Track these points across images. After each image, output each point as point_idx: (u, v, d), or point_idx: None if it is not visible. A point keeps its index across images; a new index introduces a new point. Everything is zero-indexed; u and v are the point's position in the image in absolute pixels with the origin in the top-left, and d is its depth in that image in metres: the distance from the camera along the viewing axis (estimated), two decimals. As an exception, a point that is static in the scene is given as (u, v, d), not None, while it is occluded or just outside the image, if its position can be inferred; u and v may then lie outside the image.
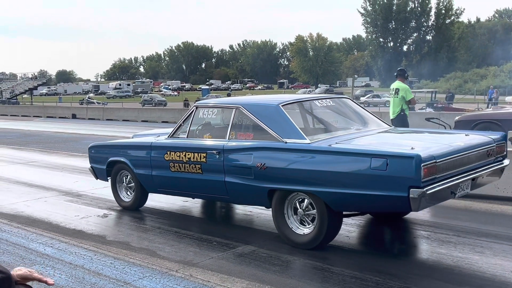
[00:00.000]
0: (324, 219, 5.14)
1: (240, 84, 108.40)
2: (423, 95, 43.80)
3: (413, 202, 4.46)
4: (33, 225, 6.68)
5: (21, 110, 42.27)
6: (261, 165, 5.40)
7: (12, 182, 9.84)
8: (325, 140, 5.35)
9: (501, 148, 5.64)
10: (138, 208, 7.38)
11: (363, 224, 6.32)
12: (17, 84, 67.73)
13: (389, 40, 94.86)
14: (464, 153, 5.00)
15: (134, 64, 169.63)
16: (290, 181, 5.27)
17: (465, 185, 5.07)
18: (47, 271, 4.98)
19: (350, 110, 6.44)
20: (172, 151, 6.34)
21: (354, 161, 4.82)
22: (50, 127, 25.30)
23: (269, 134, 5.53)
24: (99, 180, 7.88)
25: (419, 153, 4.48)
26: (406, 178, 4.46)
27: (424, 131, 6.95)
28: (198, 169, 6.06)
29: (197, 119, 6.46)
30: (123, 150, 7.29)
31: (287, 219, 5.47)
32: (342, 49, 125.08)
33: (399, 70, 10.65)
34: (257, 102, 6.19)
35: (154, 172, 6.68)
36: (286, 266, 4.96)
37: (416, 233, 5.92)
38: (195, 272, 4.86)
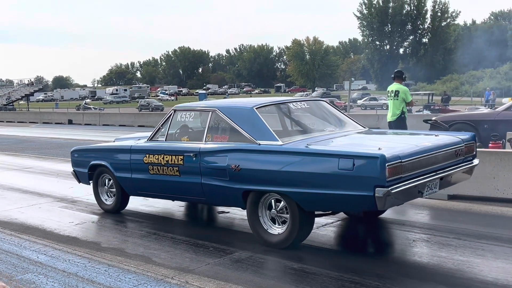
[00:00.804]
0: (296, 219, 5.26)
1: (237, 89, 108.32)
2: (420, 98, 43.85)
3: (379, 201, 4.60)
4: (27, 232, 6.57)
5: (17, 116, 42.07)
6: (236, 166, 5.52)
7: (6, 188, 9.72)
8: (297, 141, 5.49)
9: (470, 148, 5.76)
10: (120, 211, 7.44)
11: (366, 228, 6.23)
12: (13, 90, 67.43)
13: (385, 43, 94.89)
14: (430, 153, 5.12)
15: (131, 69, 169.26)
16: (263, 182, 5.39)
17: (433, 184, 5.20)
18: (40, 280, 4.88)
19: (326, 112, 6.56)
20: (151, 154, 6.45)
21: (323, 161, 4.96)
22: (45, 133, 25.15)
23: (243, 136, 5.66)
24: (81, 183, 7.95)
25: (384, 153, 4.61)
26: (372, 177, 4.60)
27: (398, 132, 6.95)
28: (176, 172, 6.16)
29: (175, 122, 6.57)
30: (104, 153, 7.38)
31: (261, 220, 5.59)
32: (339, 53, 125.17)
33: (396, 72, 10.55)
34: (232, 105, 6.40)
35: (133, 175, 6.77)
36: (284, 272, 4.86)
37: (415, 237, 5.82)
38: (191, 279, 4.75)
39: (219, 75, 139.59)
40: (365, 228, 6.21)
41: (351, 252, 5.49)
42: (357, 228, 6.20)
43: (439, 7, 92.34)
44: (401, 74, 10.43)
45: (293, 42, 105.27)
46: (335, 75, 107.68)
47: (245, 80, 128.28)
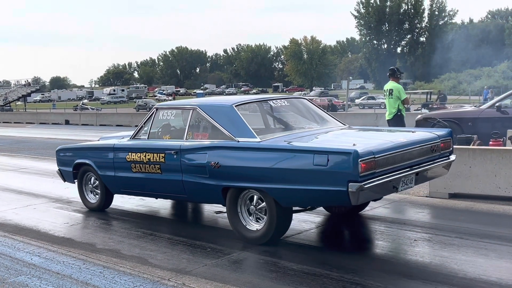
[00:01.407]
0: (273, 215, 5.31)
1: (235, 88, 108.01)
2: (418, 96, 43.80)
3: (352, 196, 4.66)
4: (21, 233, 6.45)
5: (13, 117, 41.97)
6: (215, 163, 5.58)
7: (1, 189, 9.59)
8: (274, 138, 5.58)
9: (447, 144, 5.83)
10: (104, 209, 7.48)
11: (367, 228, 6.12)
12: (10, 91, 67.30)
13: (382, 42, 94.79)
14: (405, 149, 5.19)
15: (129, 69, 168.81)
16: (242, 179, 5.46)
17: (408, 180, 5.24)
18: (33, 282, 4.76)
19: (306, 110, 6.63)
20: (133, 152, 6.51)
21: (298, 158, 5.04)
22: (42, 133, 25.02)
23: (223, 134, 5.73)
24: (67, 182, 7.98)
25: (357, 149, 4.68)
26: (345, 173, 4.67)
27: (377, 129, 7.03)
28: (157, 169, 6.22)
29: (157, 120, 6.62)
30: (88, 152, 7.44)
31: (240, 216, 5.65)
32: (336, 52, 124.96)
33: (390, 69, 10.47)
34: (212, 103, 6.45)
35: (117, 173, 6.83)
36: (284, 273, 4.74)
37: (416, 236, 5.72)
38: (188, 280, 4.64)
39: (217, 75, 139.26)
40: (366, 227, 6.10)
41: (352, 252, 5.38)
42: (357, 228, 6.09)
43: (436, 5, 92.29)
44: (394, 72, 10.34)
45: (290, 42, 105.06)
46: (333, 75, 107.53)
47: (243, 80, 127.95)
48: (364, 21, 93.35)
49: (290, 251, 5.38)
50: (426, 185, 7.80)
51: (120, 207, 7.84)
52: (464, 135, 9.58)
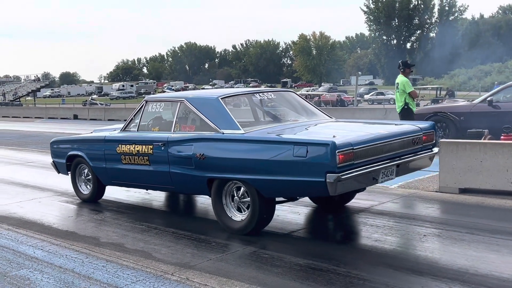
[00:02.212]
0: (256, 206, 5.40)
1: (243, 84, 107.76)
2: (428, 92, 43.45)
3: (330, 186, 4.75)
4: (25, 226, 6.39)
5: (23, 111, 42.08)
6: (201, 155, 5.67)
7: (7, 182, 9.56)
8: (258, 130, 5.67)
9: (429, 137, 5.91)
10: (97, 201, 7.58)
11: (374, 223, 6.00)
12: (20, 86, 67.60)
13: (392, 38, 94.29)
14: (385, 141, 5.27)
15: (138, 65, 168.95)
16: (226, 170, 5.55)
17: (388, 171, 5.34)
18: (35, 276, 4.69)
19: (293, 103, 6.73)
20: (123, 144, 6.62)
21: (279, 149, 5.13)
22: (50, 128, 25.05)
23: (208, 126, 5.82)
24: (60, 174, 8.08)
25: (335, 140, 4.76)
26: (323, 164, 4.76)
27: (361, 121, 7.11)
28: (146, 161, 6.33)
29: (146, 113, 6.70)
30: (80, 144, 7.55)
31: (225, 207, 5.74)
32: (345, 48, 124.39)
33: (398, 63, 10.41)
34: (199, 95, 6.57)
35: (107, 165, 6.94)
36: (289, 268, 4.63)
37: (426, 231, 5.59)
38: (192, 275, 4.55)
39: (225, 71, 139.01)
40: (374, 222, 5.97)
41: (359, 248, 5.25)
42: (365, 223, 5.97)
43: (446, 1, 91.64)
44: (399, 65, 10.29)
45: (299, 37, 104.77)
46: (342, 70, 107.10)
47: (252, 75, 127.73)
48: (373, 17, 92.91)
49: (296, 246, 5.28)
50: (436, 180, 7.68)
51: (125, 200, 7.77)
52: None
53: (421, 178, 8.25)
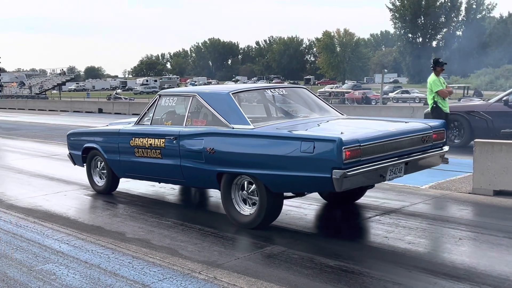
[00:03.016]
0: (264, 200, 5.45)
1: (266, 81, 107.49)
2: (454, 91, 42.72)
3: (336, 182, 4.77)
4: (50, 220, 6.35)
5: (48, 104, 42.43)
6: (210, 149, 5.75)
7: (33, 175, 9.58)
8: (267, 126, 5.73)
9: (440, 135, 5.89)
10: (111, 193, 7.67)
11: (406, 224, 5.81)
12: (46, 79, 68.35)
13: (418, 36, 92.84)
14: (393, 138, 5.27)
15: (161, 60, 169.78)
16: (235, 165, 5.61)
17: (397, 169, 5.32)
18: (61, 271, 4.62)
19: (305, 99, 6.77)
20: (137, 137, 6.73)
21: (287, 145, 5.16)
22: (75, 121, 25.21)
23: (219, 120, 5.89)
24: (76, 166, 8.19)
25: (342, 136, 4.78)
26: (329, 160, 4.78)
27: (371, 119, 7.13)
28: (158, 154, 6.43)
29: (160, 107, 6.80)
30: (96, 137, 7.68)
31: (233, 201, 5.79)
32: (370, 45, 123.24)
33: (431, 61, 10.27)
34: (210, 90, 6.61)
35: (121, 157, 7.06)
36: (320, 270, 4.49)
37: (461, 234, 5.38)
38: (220, 274, 4.43)
39: (248, 67, 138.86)
40: (406, 224, 5.78)
41: (391, 251, 5.04)
42: (397, 224, 5.78)
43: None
44: (431, 63, 10.15)
45: (323, 34, 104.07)
46: (366, 68, 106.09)
47: (274, 72, 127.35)
48: (399, 14, 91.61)
49: (327, 246, 5.12)
50: (469, 181, 7.45)
51: (151, 195, 7.71)
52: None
53: (454, 179, 8.02)
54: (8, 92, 62.81)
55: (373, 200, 6.84)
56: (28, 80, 72.92)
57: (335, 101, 39.51)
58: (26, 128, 20.93)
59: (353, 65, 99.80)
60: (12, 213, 6.71)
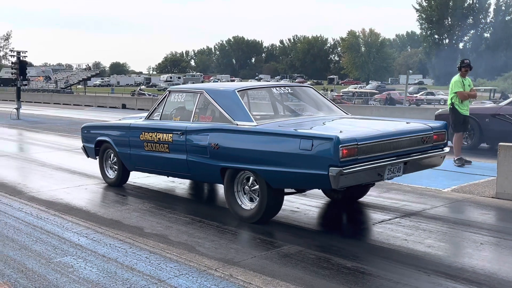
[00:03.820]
0: (264, 196, 5.59)
1: (289, 79, 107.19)
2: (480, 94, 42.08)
3: (332, 180, 4.89)
4: (70, 213, 6.40)
5: (73, 99, 42.95)
6: (215, 145, 5.92)
7: (56, 168, 9.69)
8: (270, 123, 5.87)
9: (441, 136, 5.94)
10: (121, 185, 7.89)
11: (426, 227, 5.72)
12: (71, 74, 69.18)
13: (444, 37, 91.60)
14: (391, 138, 5.35)
15: (185, 57, 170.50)
16: (237, 160, 5.78)
17: (395, 168, 5.40)
18: (78, 264, 4.66)
19: (310, 98, 6.93)
20: (146, 131, 6.92)
21: (287, 142, 5.30)
22: (99, 116, 25.45)
23: (224, 117, 6.07)
24: (89, 158, 8.45)
25: (339, 135, 4.91)
26: (326, 157, 4.91)
27: (374, 118, 7.18)
28: (166, 148, 6.62)
29: (169, 102, 7.02)
30: (108, 130, 7.89)
31: (236, 195, 5.95)
32: (395, 46, 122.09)
33: None
34: (217, 87, 6.77)
35: (132, 151, 7.26)
36: (337, 270, 4.44)
37: (483, 239, 5.27)
38: (236, 272, 4.41)
39: (272, 66, 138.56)
40: (426, 227, 5.69)
41: (410, 254, 4.95)
42: (418, 227, 5.69)
43: (503, 0, 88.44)
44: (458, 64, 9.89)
45: (348, 34, 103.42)
46: (391, 68, 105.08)
47: (298, 71, 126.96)
48: (426, 15, 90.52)
49: (344, 247, 5.06)
50: (493, 185, 7.32)
51: (170, 191, 7.74)
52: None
53: (476, 183, 7.89)
54: (34, 86, 63.59)
55: (393, 202, 6.76)
56: (54, 75, 73.90)
57: (358, 101, 39.16)
58: (51, 122, 21.22)
59: (378, 65, 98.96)
60: (34, 205, 6.79)
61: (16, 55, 23.97)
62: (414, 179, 7.79)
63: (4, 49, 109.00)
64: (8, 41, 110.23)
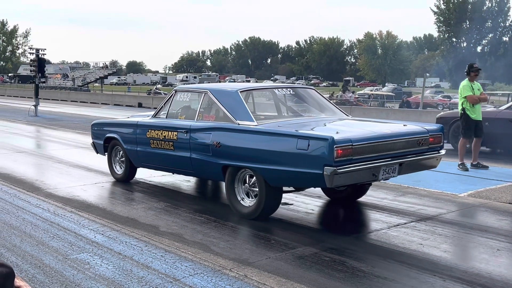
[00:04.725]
0: (263, 193, 5.78)
1: (304, 81, 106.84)
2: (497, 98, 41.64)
3: (327, 179, 5.06)
4: (87, 210, 6.46)
5: (90, 97, 43.17)
6: (217, 143, 6.12)
7: (73, 165, 9.78)
8: (270, 123, 6.06)
9: (437, 139, 6.08)
10: (129, 181, 8.11)
11: (442, 232, 5.68)
12: (88, 72, 69.45)
13: (462, 40, 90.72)
14: (387, 140, 5.54)
15: (202, 57, 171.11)
16: (238, 158, 5.98)
17: (390, 169, 5.56)
18: (95, 261, 4.70)
19: (311, 99, 7.14)
20: (152, 129, 7.13)
21: (284, 141, 5.51)
22: (115, 114, 25.55)
23: (226, 116, 6.27)
24: (99, 154, 8.68)
25: (334, 135, 5.08)
26: (321, 157, 5.09)
27: (372, 120, 7.38)
28: (171, 146, 6.84)
29: (175, 101, 7.24)
30: (116, 127, 8.11)
31: (236, 192, 6.14)
32: (412, 48, 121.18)
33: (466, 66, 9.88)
34: (221, 88, 7.02)
35: (138, 148, 7.45)
36: (352, 274, 4.43)
37: (500, 245, 5.22)
38: (250, 272, 4.42)
39: (288, 67, 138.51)
40: (442, 232, 5.66)
41: (425, 258, 4.92)
42: (434, 231, 5.66)
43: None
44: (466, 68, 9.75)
45: (365, 36, 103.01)
46: (407, 71, 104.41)
47: (314, 72, 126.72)
48: (443, 18, 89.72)
49: (360, 250, 5.06)
50: (510, 190, 7.26)
51: (185, 191, 7.78)
52: None
53: (494, 188, 7.81)
54: (52, 84, 64.16)
55: (409, 206, 6.72)
56: (71, 72, 74.29)
57: (374, 103, 38.93)
58: (68, 119, 21.41)
59: (394, 68, 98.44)
60: (51, 201, 6.87)
61: (35, 53, 24.22)
62: (430, 183, 7.75)
63: (23, 46, 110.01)
64: (27, 38, 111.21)
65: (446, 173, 9.02)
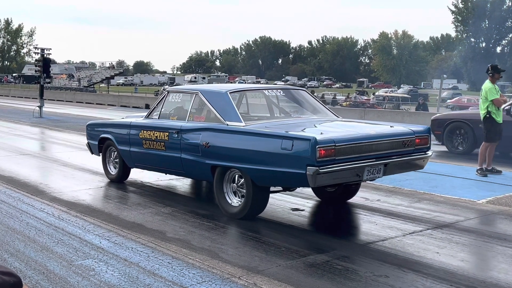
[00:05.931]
0: (250, 193, 5.85)
1: (317, 82, 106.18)
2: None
3: (310, 178, 5.16)
4: (92, 214, 6.33)
5: (96, 98, 42.59)
6: (206, 143, 6.21)
7: (78, 168, 9.64)
8: (258, 124, 6.18)
9: (423, 140, 6.13)
10: (122, 181, 8.14)
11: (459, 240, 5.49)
12: (95, 72, 68.77)
13: (481, 41, 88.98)
14: (370, 141, 5.60)
15: (211, 57, 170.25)
16: (226, 159, 6.08)
17: (375, 170, 5.63)
18: (100, 267, 4.57)
19: (301, 100, 7.24)
20: (145, 130, 7.21)
21: (270, 142, 5.61)
22: (121, 116, 25.47)
23: (216, 117, 6.38)
24: (93, 155, 8.69)
25: (317, 136, 5.18)
26: (304, 157, 5.19)
27: (359, 122, 7.49)
28: (162, 146, 6.92)
29: (167, 102, 7.31)
30: (110, 128, 8.17)
31: (225, 192, 6.19)
32: (429, 48, 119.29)
33: (487, 67, 9.61)
34: (211, 89, 7.13)
35: (131, 148, 7.52)
36: (365, 283, 4.26)
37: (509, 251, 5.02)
38: (260, 280, 4.27)
39: (299, 67, 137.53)
40: (459, 240, 5.46)
41: (442, 267, 4.71)
42: (450, 239, 5.46)
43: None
44: (488, 69, 9.47)
45: (380, 35, 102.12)
46: (424, 72, 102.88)
47: (326, 73, 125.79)
48: (461, 17, 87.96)
49: (372, 259, 4.87)
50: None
51: (193, 195, 7.65)
52: None
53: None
54: (57, 84, 63.03)
55: (425, 213, 6.52)
56: (77, 73, 73.64)
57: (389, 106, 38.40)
58: (73, 121, 21.10)
59: (410, 68, 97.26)
60: (55, 205, 6.74)
61: (40, 52, 23.80)
62: (447, 189, 7.55)
63: (27, 45, 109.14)
64: (32, 37, 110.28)
65: (463, 179, 8.81)
